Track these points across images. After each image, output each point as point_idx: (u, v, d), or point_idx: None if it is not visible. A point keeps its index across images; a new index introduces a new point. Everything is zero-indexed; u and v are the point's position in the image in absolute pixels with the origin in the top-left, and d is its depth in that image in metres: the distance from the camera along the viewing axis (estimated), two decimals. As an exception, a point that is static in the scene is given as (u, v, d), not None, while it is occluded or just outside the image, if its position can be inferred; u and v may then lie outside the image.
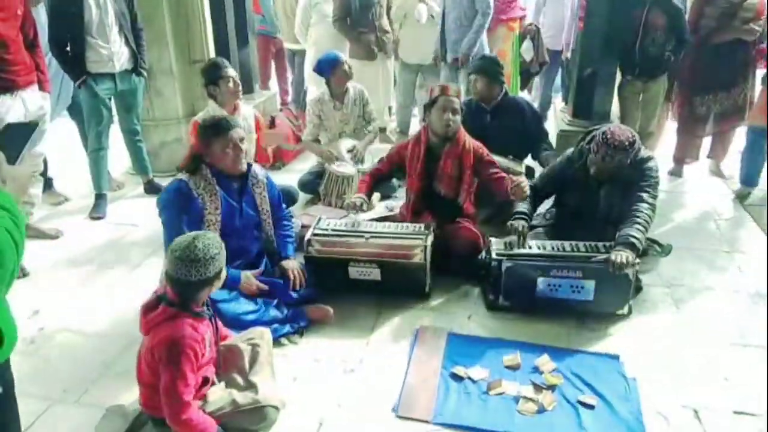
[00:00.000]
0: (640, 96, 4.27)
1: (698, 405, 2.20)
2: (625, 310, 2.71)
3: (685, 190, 4.30)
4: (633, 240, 2.57)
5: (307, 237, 2.86)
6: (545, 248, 2.75)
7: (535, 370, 2.38)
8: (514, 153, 3.62)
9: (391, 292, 2.85)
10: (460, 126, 3.04)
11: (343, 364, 2.45)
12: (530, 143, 3.75)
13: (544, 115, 5.47)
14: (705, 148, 4.50)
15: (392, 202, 3.95)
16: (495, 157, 3.16)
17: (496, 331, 2.66)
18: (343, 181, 3.83)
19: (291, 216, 2.97)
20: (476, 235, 3.03)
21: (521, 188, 2.77)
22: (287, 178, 4.17)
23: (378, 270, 2.79)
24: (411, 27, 4.92)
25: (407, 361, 2.45)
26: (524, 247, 2.77)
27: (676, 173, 4.49)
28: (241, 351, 2.16)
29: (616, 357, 2.46)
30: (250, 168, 2.63)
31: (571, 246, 2.74)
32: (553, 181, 3.07)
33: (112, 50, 3.65)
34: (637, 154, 2.78)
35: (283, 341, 2.55)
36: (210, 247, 1.88)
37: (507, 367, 2.40)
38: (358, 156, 4.00)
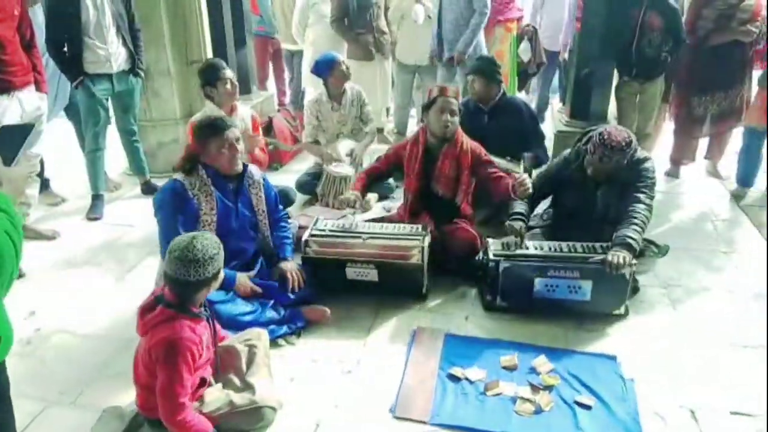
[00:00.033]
0: (637, 97, 4.28)
1: (695, 405, 2.20)
2: (622, 310, 2.72)
3: (682, 190, 4.30)
4: (630, 240, 2.58)
5: (304, 238, 2.85)
6: (542, 249, 2.75)
7: (533, 370, 2.38)
8: (512, 154, 3.61)
9: (388, 292, 2.85)
10: (458, 127, 3.04)
11: (341, 365, 2.44)
12: (527, 145, 3.75)
13: (542, 116, 5.49)
14: (702, 149, 4.52)
15: (390, 203, 3.96)
16: (493, 158, 3.16)
17: (493, 332, 2.66)
18: (341, 182, 3.83)
19: (288, 217, 2.97)
20: (474, 235, 3.03)
21: (525, 185, 2.76)
22: (284, 179, 4.17)
23: (375, 271, 2.79)
24: (408, 28, 4.92)
25: (404, 361, 2.45)
26: (522, 248, 2.77)
27: (673, 174, 4.50)
28: (238, 352, 2.17)
29: (613, 357, 2.47)
30: (246, 168, 2.63)
31: (568, 246, 2.74)
32: (551, 181, 3.07)
33: (110, 51, 3.64)
34: (634, 154, 2.78)
35: (280, 342, 2.54)
36: (209, 248, 1.89)
37: (504, 367, 2.40)
38: (357, 161, 3.99)
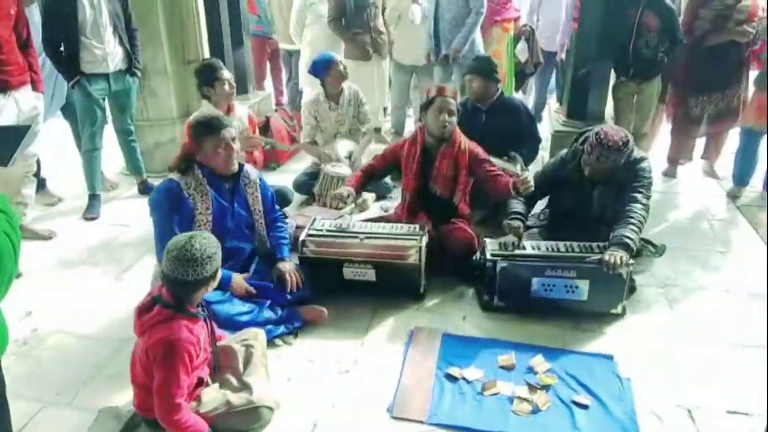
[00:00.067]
0: (634, 97, 4.28)
1: (692, 404, 2.21)
2: (619, 310, 2.72)
3: (678, 190, 4.31)
4: (627, 240, 2.58)
5: (301, 238, 2.85)
6: (540, 249, 2.75)
7: (530, 370, 2.39)
8: (509, 154, 3.62)
9: (386, 292, 2.85)
10: (456, 127, 3.04)
11: (338, 365, 2.44)
12: (523, 145, 3.76)
13: (539, 116, 5.49)
14: (699, 149, 4.53)
15: (387, 203, 3.96)
16: (491, 158, 3.16)
17: (490, 332, 2.66)
18: (338, 182, 3.82)
19: (285, 217, 2.96)
20: (471, 235, 3.03)
21: (527, 183, 2.75)
22: (282, 179, 4.17)
23: (373, 271, 2.79)
24: (405, 28, 4.92)
25: (402, 361, 2.45)
26: (519, 248, 2.77)
27: (670, 174, 4.51)
28: (235, 352, 2.16)
29: (610, 357, 2.47)
30: (242, 168, 2.63)
31: (565, 246, 2.75)
32: (548, 181, 3.07)
33: (106, 50, 3.63)
34: (631, 154, 2.79)
35: (277, 342, 2.54)
36: (207, 247, 1.88)
37: (502, 367, 2.41)
38: (356, 164, 3.99)
